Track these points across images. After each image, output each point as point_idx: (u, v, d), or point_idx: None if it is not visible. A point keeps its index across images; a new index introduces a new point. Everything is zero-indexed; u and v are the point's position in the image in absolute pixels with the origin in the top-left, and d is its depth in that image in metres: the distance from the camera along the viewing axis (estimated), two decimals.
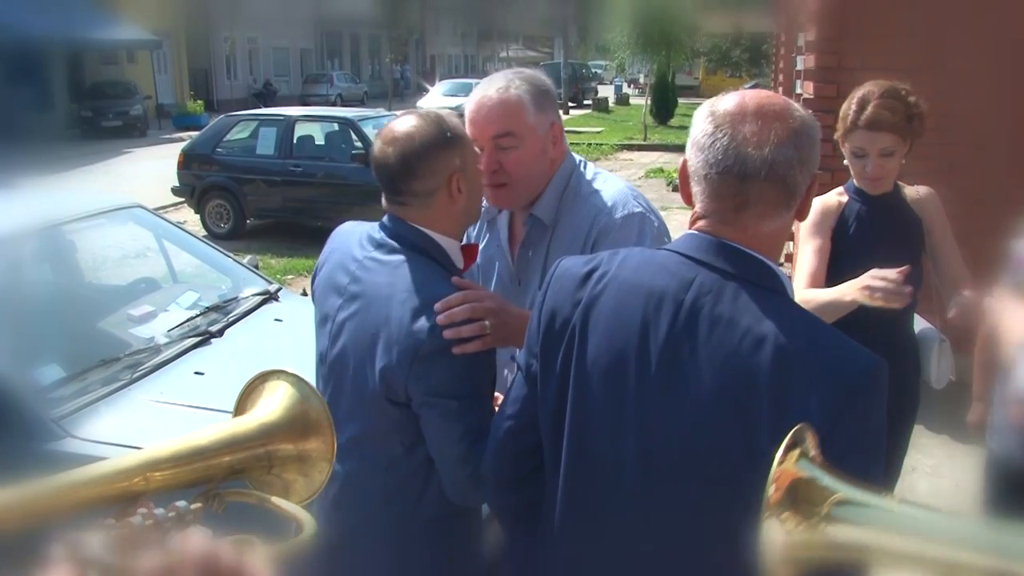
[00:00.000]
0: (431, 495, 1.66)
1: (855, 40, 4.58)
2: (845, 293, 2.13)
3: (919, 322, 2.60)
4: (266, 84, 33.60)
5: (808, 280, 2.43)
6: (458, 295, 1.58)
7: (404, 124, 1.68)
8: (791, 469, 0.84)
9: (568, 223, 1.89)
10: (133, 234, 4.35)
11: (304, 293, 4.40)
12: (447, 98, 26.26)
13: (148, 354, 3.03)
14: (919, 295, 2.56)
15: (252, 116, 11.31)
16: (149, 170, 14.36)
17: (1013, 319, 2.21)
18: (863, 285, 2.08)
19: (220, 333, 3.26)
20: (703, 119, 1.25)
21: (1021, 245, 2.24)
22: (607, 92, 36.31)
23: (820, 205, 2.47)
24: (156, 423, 2.63)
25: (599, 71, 47.67)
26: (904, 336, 2.52)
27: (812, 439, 0.88)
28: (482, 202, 1.88)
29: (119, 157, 18.36)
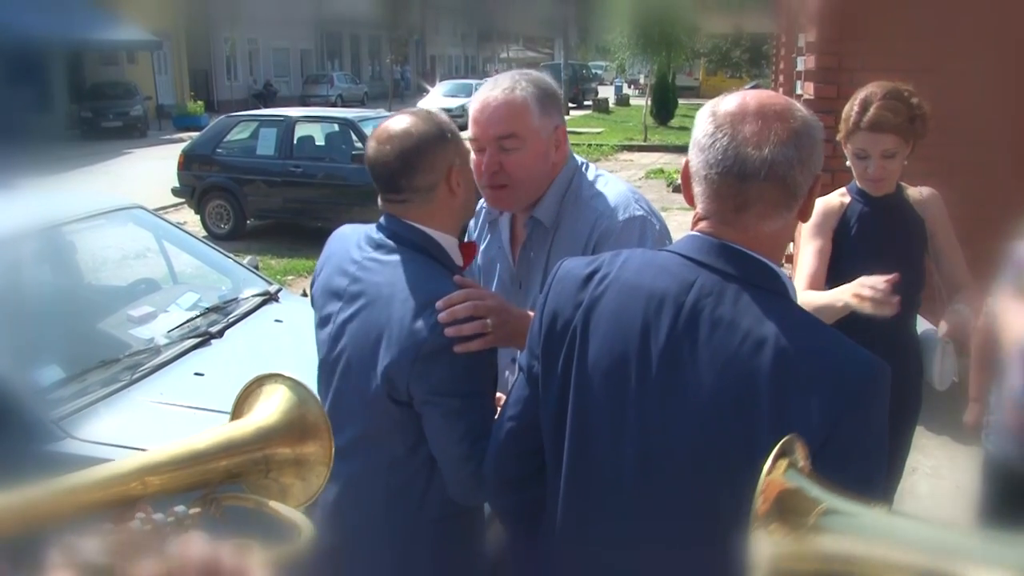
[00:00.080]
0: (434, 495, 1.65)
1: (855, 41, 4.58)
2: (838, 298, 2.12)
3: (922, 323, 2.60)
4: (266, 85, 33.61)
5: (807, 281, 2.43)
6: (460, 293, 1.58)
7: (399, 123, 1.68)
8: (779, 480, 0.84)
9: (569, 226, 1.88)
10: (133, 235, 4.35)
11: (304, 294, 4.39)
12: (447, 99, 26.28)
13: (148, 355, 3.03)
14: (922, 296, 2.56)
15: (252, 117, 11.30)
16: (149, 171, 14.37)
17: (1013, 320, 2.21)
18: (854, 292, 2.08)
19: (220, 334, 3.26)
20: (705, 120, 1.25)
21: (1022, 246, 2.24)
22: (607, 93, 36.33)
23: (822, 206, 2.46)
24: (156, 424, 2.62)
25: (599, 72, 47.70)
26: (907, 337, 2.52)
27: (802, 449, 0.88)
28: (477, 199, 1.87)
29: (119, 158, 18.36)
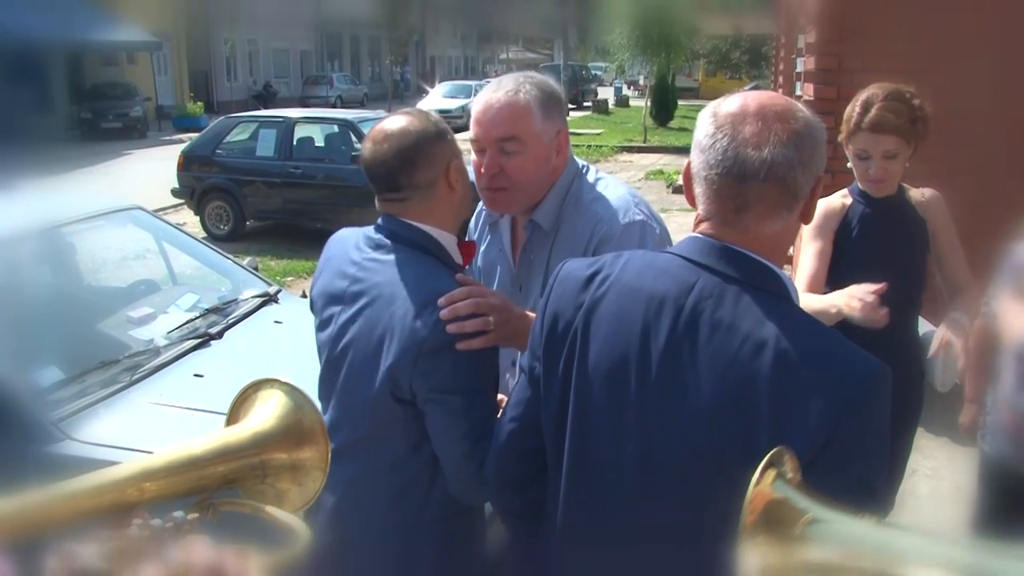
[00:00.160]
0: (436, 495, 1.66)
1: (855, 42, 4.58)
2: (832, 304, 2.11)
3: (923, 324, 2.60)
4: (266, 86, 33.60)
5: (807, 283, 2.42)
6: (462, 290, 1.58)
7: (395, 123, 1.68)
8: (766, 490, 0.85)
9: (569, 230, 1.87)
10: (133, 236, 4.34)
11: (304, 295, 4.39)
12: (447, 100, 26.29)
13: (147, 356, 3.03)
14: (923, 297, 2.56)
15: (252, 118, 11.30)
16: (149, 172, 14.37)
17: (1013, 321, 2.21)
18: (847, 300, 2.07)
19: (220, 335, 3.25)
20: (706, 120, 1.25)
21: (1021, 248, 2.24)
22: (607, 94, 36.34)
23: (823, 207, 2.46)
24: (155, 425, 2.62)
25: (599, 73, 47.71)
26: (908, 338, 2.52)
27: (791, 461, 0.88)
28: (475, 200, 1.87)
29: (119, 159, 18.36)
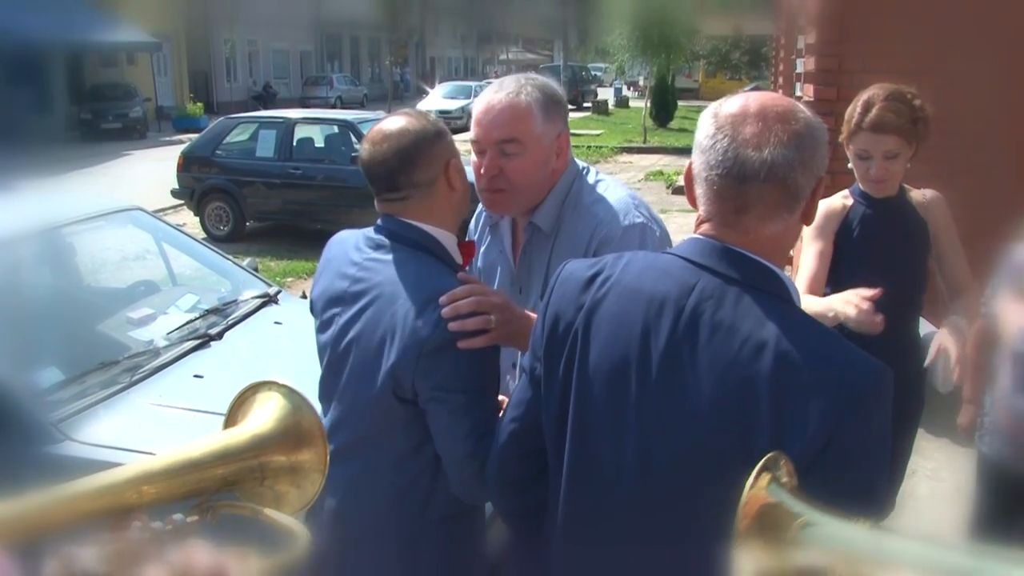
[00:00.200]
0: (438, 495, 1.65)
1: (855, 43, 4.57)
2: (830, 307, 2.09)
3: (925, 325, 2.60)
4: (266, 86, 33.59)
5: (807, 285, 2.42)
6: (463, 288, 1.58)
7: (393, 123, 1.69)
8: (761, 494, 0.85)
9: (569, 232, 1.86)
10: (132, 236, 4.34)
11: (304, 296, 4.39)
12: (447, 100, 26.30)
13: (147, 357, 3.03)
14: (925, 298, 2.56)
15: (252, 118, 11.30)
16: (148, 172, 14.37)
17: (1011, 322, 2.21)
18: (841, 307, 2.06)
19: (219, 336, 3.25)
20: (707, 121, 1.25)
21: (1022, 249, 2.24)
22: (607, 95, 36.34)
23: (824, 208, 2.46)
24: (155, 426, 2.62)
25: (599, 74, 47.74)
26: (909, 340, 2.52)
27: (786, 465, 0.88)
28: (474, 201, 1.87)
29: (119, 159, 18.35)
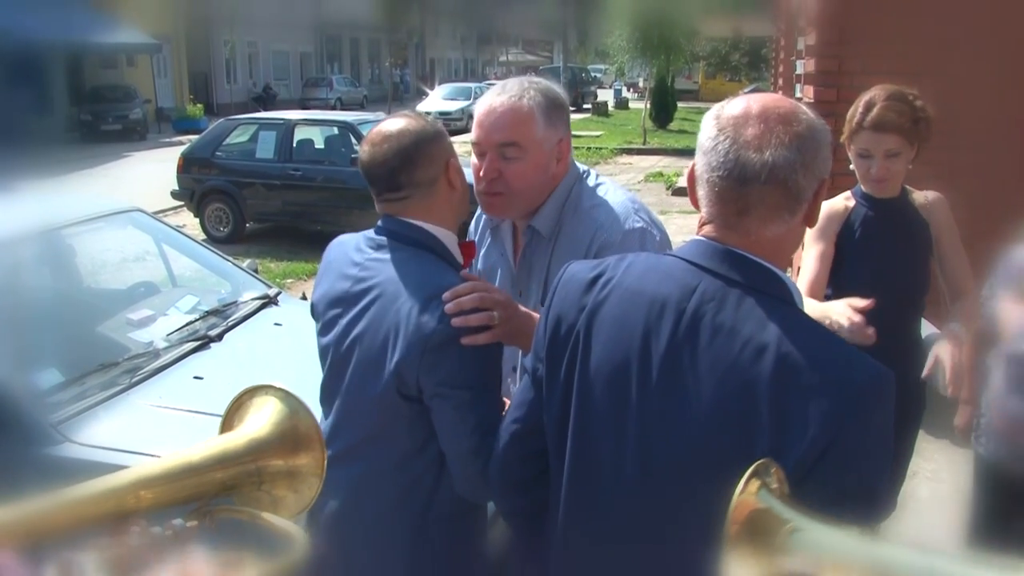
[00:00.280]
0: (442, 494, 1.66)
1: (855, 44, 4.57)
2: (825, 315, 2.08)
3: (926, 327, 2.59)
4: (266, 88, 33.59)
5: (808, 287, 2.42)
6: (467, 284, 1.59)
7: (392, 124, 1.69)
8: (750, 500, 0.86)
9: (568, 236, 1.86)
10: (132, 238, 4.34)
11: (304, 297, 4.38)
12: (447, 102, 26.33)
13: (147, 358, 3.03)
14: (927, 299, 2.55)
15: (252, 120, 11.31)
16: (148, 174, 14.36)
17: (1009, 323, 2.22)
18: (834, 318, 2.05)
19: (219, 337, 3.25)
20: (709, 123, 1.25)
21: (1021, 250, 2.24)
22: (606, 96, 36.37)
23: (825, 210, 2.45)
24: (155, 428, 2.62)
25: (598, 75, 47.75)
26: (911, 341, 2.52)
27: (777, 472, 0.89)
28: (473, 203, 1.87)
29: (119, 161, 18.36)
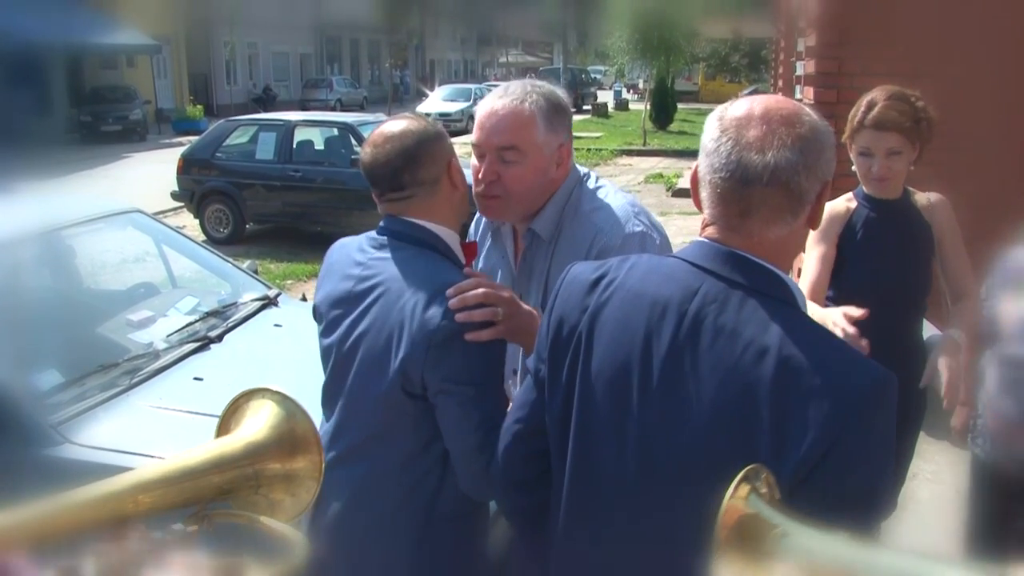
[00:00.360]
0: (445, 494, 1.66)
1: (855, 45, 4.57)
2: (822, 323, 2.09)
3: (928, 328, 2.59)
4: (266, 89, 33.58)
5: (809, 289, 2.42)
6: (471, 280, 1.60)
7: (394, 125, 1.70)
8: (739, 505, 0.86)
9: (568, 240, 1.85)
10: (132, 239, 4.34)
11: (304, 298, 4.38)
12: (447, 103, 26.34)
13: (147, 359, 3.03)
14: (928, 301, 2.55)
15: (252, 121, 11.31)
16: (148, 175, 14.36)
17: (1006, 324, 2.23)
18: (833, 320, 2.05)
19: (219, 338, 3.25)
20: (712, 124, 1.25)
21: (1020, 252, 2.24)
22: (606, 97, 36.41)
23: (827, 211, 2.44)
24: (155, 429, 2.62)
25: (598, 76, 47.76)
26: (912, 343, 2.52)
27: (767, 477, 0.90)
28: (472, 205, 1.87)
29: (118, 162, 18.36)
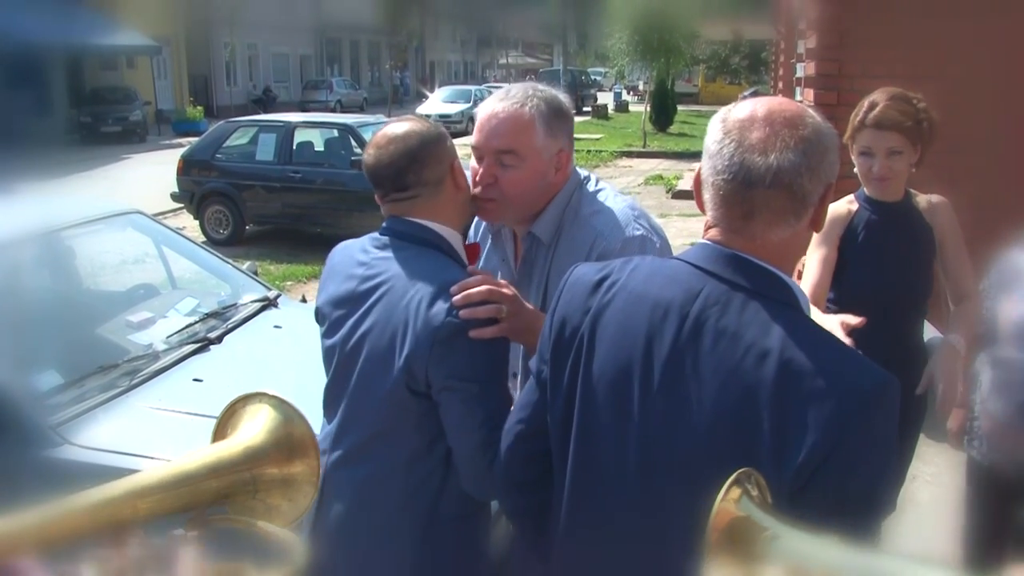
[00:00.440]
0: (448, 494, 1.66)
1: (856, 47, 4.58)
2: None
3: (929, 330, 2.59)
4: (266, 90, 33.59)
5: (810, 291, 2.42)
6: (475, 278, 1.60)
7: (398, 127, 1.71)
8: (730, 507, 0.86)
9: (568, 244, 1.84)
10: (132, 240, 4.33)
11: (304, 300, 4.38)
12: (447, 104, 26.34)
13: (147, 361, 3.03)
14: (929, 303, 2.56)
15: (252, 122, 11.31)
16: (148, 176, 14.35)
17: (1003, 326, 2.23)
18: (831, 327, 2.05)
19: (219, 340, 3.25)
20: (715, 126, 1.25)
21: (1019, 253, 2.24)
22: (606, 99, 36.40)
23: (828, 214, 2.45)
24: (155, 430, 2.62)
25: (598, 78, 47.78)
26: (913, 345, 2.52)
27: (759, 481, 0.90)
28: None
29: (118, 163, 18.36)
